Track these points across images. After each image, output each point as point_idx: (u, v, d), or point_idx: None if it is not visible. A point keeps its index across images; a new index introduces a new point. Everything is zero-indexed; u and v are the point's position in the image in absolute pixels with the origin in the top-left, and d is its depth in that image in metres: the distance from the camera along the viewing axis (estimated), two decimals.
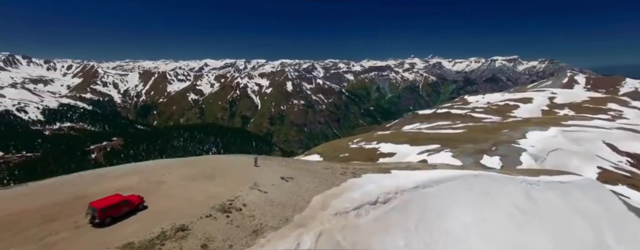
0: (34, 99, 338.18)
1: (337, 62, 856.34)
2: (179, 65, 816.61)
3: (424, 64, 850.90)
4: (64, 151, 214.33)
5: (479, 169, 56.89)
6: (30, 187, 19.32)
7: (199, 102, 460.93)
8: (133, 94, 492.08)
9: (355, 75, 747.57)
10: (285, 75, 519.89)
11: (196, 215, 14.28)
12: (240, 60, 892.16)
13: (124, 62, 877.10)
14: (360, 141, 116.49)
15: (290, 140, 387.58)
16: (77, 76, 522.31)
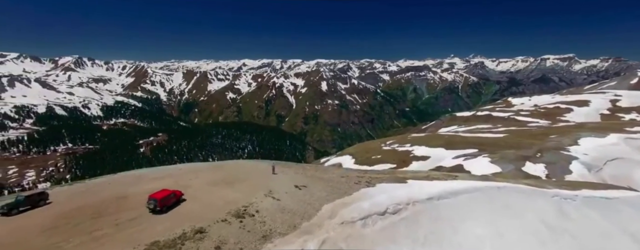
0: (96, 96, 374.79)
1: (373, 62, 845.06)
2: (219, 65, 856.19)
3: (465, 63, 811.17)
4: (118, 145, 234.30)
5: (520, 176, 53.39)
6: (86, 185, 22.35)
7: (236, 101, 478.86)
8: (177, 92, 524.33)
9: (391, 76, 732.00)
10: (320, 75, 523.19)
11: (214, 219, 15.56)
12: (276, 60, 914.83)
13: (170, 62, 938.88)
14: (393, 143, 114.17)
15: (324, 140, 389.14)
16: (130, 76, 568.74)
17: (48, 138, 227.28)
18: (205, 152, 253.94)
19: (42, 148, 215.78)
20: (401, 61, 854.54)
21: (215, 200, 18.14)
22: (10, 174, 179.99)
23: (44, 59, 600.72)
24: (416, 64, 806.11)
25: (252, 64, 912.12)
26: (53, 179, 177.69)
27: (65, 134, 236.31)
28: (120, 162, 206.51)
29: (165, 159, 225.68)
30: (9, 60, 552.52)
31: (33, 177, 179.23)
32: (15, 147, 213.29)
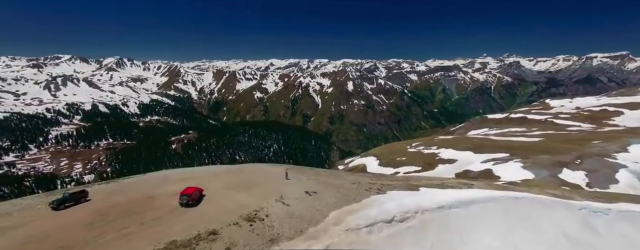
0: (134, 95, 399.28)
1: (401, 62, 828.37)
2: (248, 65, 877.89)
3: (499, 63, 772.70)
4: (152, 141, 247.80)
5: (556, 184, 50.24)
6: (119, 185, 24.61)
7: (263, 100, 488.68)
8: (207, 91, 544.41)
9: (420, 76, 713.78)
10: (346, 75, 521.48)
11: (226, 222, 16.61)
12: (303, 60, 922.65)
13: (202, 62, 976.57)
14: (419, 145, 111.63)
15: (349, 140, 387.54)
16: (164, 75, 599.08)
17: (93, 134, 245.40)
18: (232, 150, 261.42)
19: (88, 143, 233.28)
20: (430, 61, 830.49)
21: (230, 204, 19.26)
22: (62, 166, 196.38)
23: (91, 60, 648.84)
24: (446, 64, 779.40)
25: (280, 64, 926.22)
26: (96, 171, 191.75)
27: (107, 130, 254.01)
28: (154, 158, 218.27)
29: (195, 157, 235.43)
30: (63, 62, 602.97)
31: (80, 169, 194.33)
32: (66, 141, 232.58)
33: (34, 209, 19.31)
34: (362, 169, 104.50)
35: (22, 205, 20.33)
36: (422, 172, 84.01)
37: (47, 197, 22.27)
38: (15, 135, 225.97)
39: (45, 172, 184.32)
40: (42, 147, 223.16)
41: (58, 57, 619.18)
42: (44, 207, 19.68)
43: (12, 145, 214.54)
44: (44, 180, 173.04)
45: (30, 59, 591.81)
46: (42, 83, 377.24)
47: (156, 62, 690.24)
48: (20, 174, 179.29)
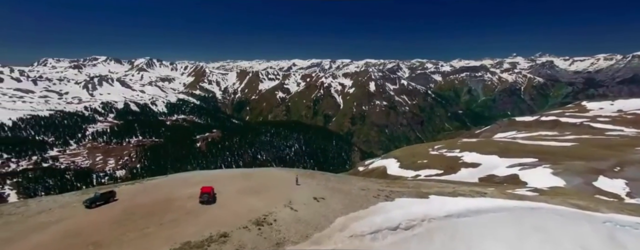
0: (162, 94, 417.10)
1: (424, 62, 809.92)
2: (270, 65, 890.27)
3: (529, 63, 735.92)
4: (178, 139, 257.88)
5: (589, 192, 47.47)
6: (144, 185, 26.27)
7: (285, 100, 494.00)
8: (231, 91, 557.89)
9: (444, 76, 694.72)
10: (368, 76, 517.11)
11: (237, 225, 17.49)
12: (325, 60, 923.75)
13: (226, 62, 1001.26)
14: (441, 148, 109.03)
15: (371, 141, 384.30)
16: (190, 75, 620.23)
17: (124, 131, 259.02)
18: (254, 149, 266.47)
19: (120, 139, 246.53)
20: (455, 61, 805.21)
21: (241, 208, 20.18)
22: (97, 161, 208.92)
23: (124, 60, 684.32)
24: (472, 64, 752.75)
25: (302, 63, 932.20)
26: (127, 167, 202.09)
27: (137, 128, 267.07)
28: (180, 156, 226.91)
29: (219, 155, 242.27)
30: (99, 62, 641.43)
31: (113, 164, 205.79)
32: (101, 137, 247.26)
33: (70, 206, 21.16)
34: (382, 171, 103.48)
35: (62, 202, 22.26)
36: (443, 175, 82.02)
37: (82, 194, 24.11)
38: (58, 131, 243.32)
39: (82, 167, 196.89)
40: (80, 142, 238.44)
41: (95, 58, 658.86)
42: (78, 204, 21.51)
43: (56, 141, 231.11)
44: (81, 174, 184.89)
45: (71, 60, 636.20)
46: (81, 83, 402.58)
47: (183, 62, 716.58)
48: (62, 167, 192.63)
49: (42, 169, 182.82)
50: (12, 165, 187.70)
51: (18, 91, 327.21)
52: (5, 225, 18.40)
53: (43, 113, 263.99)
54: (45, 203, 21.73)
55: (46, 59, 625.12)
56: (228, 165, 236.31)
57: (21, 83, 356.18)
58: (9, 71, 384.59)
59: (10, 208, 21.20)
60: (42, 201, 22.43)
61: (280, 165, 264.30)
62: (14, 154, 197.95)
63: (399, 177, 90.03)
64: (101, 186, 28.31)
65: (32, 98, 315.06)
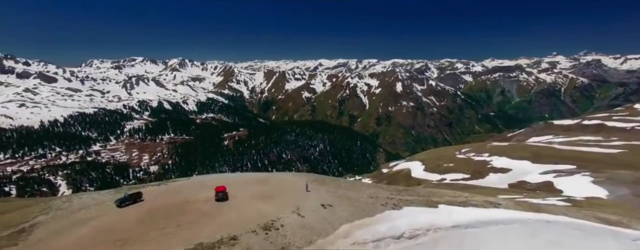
0: (192, 93, 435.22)
1: (454, 61, 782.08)
2: (297, 65, 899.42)
3: (572, 62, 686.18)
4: (207, 137, 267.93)
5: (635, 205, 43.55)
6: (167, 187, 28.14)
7: (311, 100, 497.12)
8: (258, 90, 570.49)
9: (475, 77, 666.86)
10: (395, 76, 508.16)
11: (246, 229, 18.35)
12: (352, 60, 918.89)
13: (253, 62, 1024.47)
14: (469, 151, 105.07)
15: (396, 142, 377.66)
16: (219, 75, 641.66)
17: (157, 128, 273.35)
18: (279, 148, 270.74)
19: (153, 136, 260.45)
20: (487, 61, 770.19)
21: (252, 212, 21.09)
22: (133, 156, 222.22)
23: (159, 61, 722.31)
24: (506, 63, 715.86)
25: (328, 64, 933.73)
26: (160, 163, 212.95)
27: (169, 126, 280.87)
28: (208, 153, 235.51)
29: (245, 153, 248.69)
30: (137, 63, 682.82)
31: (147, 160, 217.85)
32: (137, 134, 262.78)
33: (104, 205, 23.37)
34: (406, 174, 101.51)
35: (98, 200, 24.59)
36: (470, 180, 79.05)
37: (115, 193, 26.21)
38: (101, 127, 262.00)
39: (120, 161, 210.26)
40: (119, 138, 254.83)
41: (133, 59, 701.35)
42: (111, 203, 23.56)
43: (98, 136, 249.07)
44: (119, 168, 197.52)
45: (113, 61, 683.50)
46: (121, 82, 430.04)
47: (213, 62, 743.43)
48: (103, 161, 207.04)
49: (87, 163, 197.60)
50: (63, 158, 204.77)
51: (69, 90, 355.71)
52: (54, 219, 21.05)
53: (88, 110, 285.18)
54: (84, 200, 24.14)
55: (92, 60, 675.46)
56: (254, 164, 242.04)
57: (71, 83, 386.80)
58: (62, 72, 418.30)
59: (58, 203, 24.09)
60: (82, 198, 24.92)
61: (304, 164, 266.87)
62: (65, 148, 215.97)
63: (423, 180, 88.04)
64: (132, 186, 30.53)
65: (79, 97, 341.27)
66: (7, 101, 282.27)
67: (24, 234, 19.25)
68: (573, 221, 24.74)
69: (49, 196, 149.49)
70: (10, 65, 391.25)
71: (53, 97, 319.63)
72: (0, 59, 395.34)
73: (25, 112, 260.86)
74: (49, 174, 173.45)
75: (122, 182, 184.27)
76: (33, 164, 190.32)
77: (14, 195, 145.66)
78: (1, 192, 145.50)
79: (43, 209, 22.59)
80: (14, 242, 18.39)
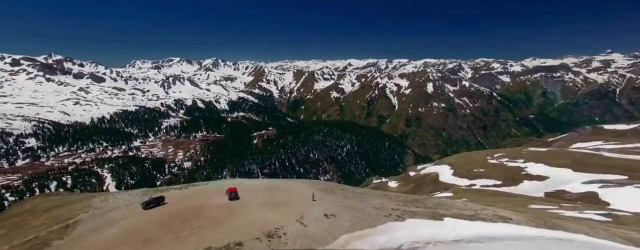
0: (224, 93, 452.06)
1: (490, 61, 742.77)
2: (326, 65, 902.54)
3: (631, 60, 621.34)
4: (237, 136, 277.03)
5: None
6: (188, 191, 30.40)
7: (340, 100, 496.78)
8: (287, 90, 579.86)
9: (513, 77, 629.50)
10: (426, 76, 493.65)
11: (251, 236, 19.57)
12: (382, 60, 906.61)
13: (284, 62, 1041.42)
14: (502, 156, 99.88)
15: (426, 145, 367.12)
16: (250, 75, 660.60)
17: (191, 126, 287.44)
18: (307, 148, 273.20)
19: (188, 134, 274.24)
20: (528, 60, 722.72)
21: (258, 220, 22.37)
22: (169, 153, 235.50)
23: (194, 61, 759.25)
24: (549, 63, 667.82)
25: (358, 64, 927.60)
26: (193, 160, 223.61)
27: (202, 124, 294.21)
28: (238, 151, 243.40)
29: (273, 152, 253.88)
30: (174, 63, 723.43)
31: (181, 156, 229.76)
32: (173, 131, 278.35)
33: (133, 206, 25.91)
34: (434, 178, 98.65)
35: (129, 201, 27.36)
36: (501, 187, 75.33)
37: (143, 195, 28.70)
38: (141, 124, 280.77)
39: (158, 157, 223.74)
40: (157, 135, 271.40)
41: (171, 59, 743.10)
42: (138, 205, 26.20)
43: (139, 133, 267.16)
44: (157, 163, 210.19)
45: (153, 62, 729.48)
46: (159, 82, 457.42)
47: (245, 62, 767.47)
48: (143, 156, 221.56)
49: (129, 158, 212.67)
50: (109, 152, 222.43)
51: (115, 90, 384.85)
52: (92, 218, 24.29)
53: (131, 109, 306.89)
54: (118, 201, 27.08)
55: (135, 61, 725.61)
56: (282, 163, 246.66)
57: (117, 82, 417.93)
58: (109, 72, 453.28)
59: (97, 202, 27.30)
60: (117, 198, 27.79)
61: (332, 165, 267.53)
62: (110, 143, 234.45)
63: (452, 185, 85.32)
64: (157, 189, 32.93)
65: (123, 96, 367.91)
66: (66, 100, 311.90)
67: (69, 230, 22.00)
68: (592, 241, 23.33)
69: (97, 187, 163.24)
70: (69, 67, 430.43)
71: (102, 96, 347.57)
72: (61, 61, 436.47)
73: (79, 110, 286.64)
74: (97, 167, 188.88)
75: (159, 177, 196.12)
76: (85, 157, 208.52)
77: (69, 185, 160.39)
78: (60, 182, 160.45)
79: (84, 207, 25.56)
80: (61, 236, 21.57)
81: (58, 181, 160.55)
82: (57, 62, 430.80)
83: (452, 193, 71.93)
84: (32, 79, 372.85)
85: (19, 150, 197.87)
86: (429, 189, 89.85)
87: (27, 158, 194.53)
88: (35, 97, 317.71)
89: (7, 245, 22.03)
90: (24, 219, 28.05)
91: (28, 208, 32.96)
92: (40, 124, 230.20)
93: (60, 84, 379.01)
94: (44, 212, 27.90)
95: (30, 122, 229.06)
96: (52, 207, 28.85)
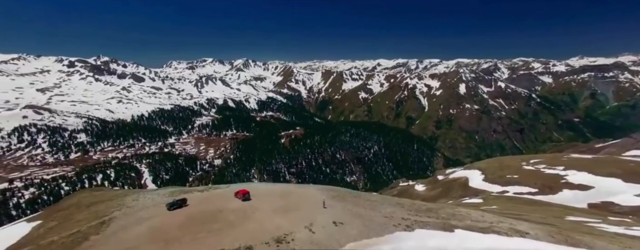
0: (254, 92, 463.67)
1: (530, 60, 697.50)
2: (355, 65, 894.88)
3: None
4: (265, 134, 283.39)
5: None
6: (209, 194, 32.26)
7: (368, 101, 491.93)
8: (315, 90, 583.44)
9: (556, 77, 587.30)
10: (458, 76, 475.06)
11: (261, 240, 20.55)
12: (412, 60, 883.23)
13: (312, 62, 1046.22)
14: (539, 162, 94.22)
15: (457, 147, 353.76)
16: (279, 75, 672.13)
17: (222, 124, 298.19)
18: (333, 148, 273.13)
19: (218, 132, 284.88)
20: (575, 59, 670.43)
21: (269, 225, 23.35)
22: (201, 150, 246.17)
23: (225, 62, 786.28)
24: (600, 61, 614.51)
25: (387, 64, 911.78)
26: (223, 157, 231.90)
27: (232, 122, 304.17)
28: (266, 150, 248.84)
29: (300, 151, 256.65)
30: (207, 64, 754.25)
31: (212, 153, 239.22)
32: (204, 129, 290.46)
33: (159, 207, 28.07)
34: (463, 183, 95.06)
35: (156, 201, 29.59)
36: (537, 195, 71.22)
37: (169, 195, 30.76)
38: (175, 122, 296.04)
39: (190, 154, 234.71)
40: (190, 133, 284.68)
41: (204, 60, 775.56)
42: (164, 205, 28.33)
43: (173, 130, 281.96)
44: (189, 160, 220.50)
45: (188, 62, 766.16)
46: (193, 81, 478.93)
47: (274, 62, 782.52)
48: (177, 153, 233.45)
49: (164, 154, 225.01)
50: (146, 148, 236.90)
51: (152, 89, 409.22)
52: (124, 216, 27.03)
53: (166, 107, 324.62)
54: (147, 200, 29.53)
55: (171, 62, 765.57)
56: (308, 163, 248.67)
57: (154, 82, 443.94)
58: (148, 72, 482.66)
59: (129, 201, 29.79)
60: (147, 197, 30.08)
61: (358, 165, 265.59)
62: (148, 140, 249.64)
63: (482, 191, 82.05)
64: (183, 188, 35.32)
65: (160, 94, 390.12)
66: (111, 98, 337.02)
67: (104, 226, 24.28)
68: None
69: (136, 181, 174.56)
70: (114, 67, 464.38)
71: (141, 95, 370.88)
72: (108, 62, 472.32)
73: (121, 108, 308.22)
74: (136, 161, 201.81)
75: (191, 173, 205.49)
76: (126, 152, 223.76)
77: (112, 178, 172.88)
78: (104, 175, 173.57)
79: (119, 205, 28.06)
80: (97, 231, 24.01)
81: (103, 174, 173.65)
82: (104, 63, 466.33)
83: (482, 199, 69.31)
84: (83, 79, 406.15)
85: (72, 144, 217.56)
86: (457, 194, 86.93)
87: (78, 151, 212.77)
88: (85, 95, 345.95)
89: (57, 236, 24.85)
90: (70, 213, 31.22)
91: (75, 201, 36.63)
92: (89, 120, 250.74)
93: (106, 83, 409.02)
94: (86, 207, 30.92)
95: (81, 119, 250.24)
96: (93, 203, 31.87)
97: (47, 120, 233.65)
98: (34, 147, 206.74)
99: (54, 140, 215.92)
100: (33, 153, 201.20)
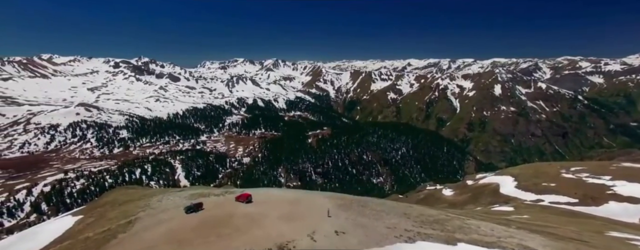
0: (283, 92, 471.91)
1: (577, 59, 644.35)
2: (384, 65, 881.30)
3: None
4: (293, 134, 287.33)
5: None
6: (225, 198, 33.60)
7: (396, 101, 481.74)
8: (344, 90, 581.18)
9: (608, 77, 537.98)
10: (493, 77, 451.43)
11: (264, 246, 21.35)
12: (444, 60, 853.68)
13: (341, 62, 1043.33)
14: (580, 170, 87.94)
15: (490, 151, 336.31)
16: (308, 74, 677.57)
17: (251, 123, 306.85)
18: (360, 149, 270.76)
19: (247, 130, 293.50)
20: (633, 57, 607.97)
21: (273, 232, 24.18)
22: (231, 148, 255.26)
23: (256, 62, 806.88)
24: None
25: (417, 63, 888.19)
26: (251, 155, 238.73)
27: (261, 122, 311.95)
28: (293, 149, 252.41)
29: (327, 151, 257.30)
30: (239, 64, 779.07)
31: (241, 152, 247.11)
32: (234, 128, 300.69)
33: (178, 209, 30.10)
34: (494, 189, 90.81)
35: (177, 203, 31.47)
36: (577, 206, 66.16)
37: (190, 197, 32.37)
38: (207, 120, 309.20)
39: (221, 152, 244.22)
40: (220, 131, 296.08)
41: (235, 60, 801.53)
42: (182, 209, 30.29)
43: (205, 128, 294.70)
44: (219, 157, 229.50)
45: (220, 62, 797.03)
46: (224, 81, 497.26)
47: (303, 62, 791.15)
48: (208, 150, 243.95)
49: (196, 151, 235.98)
50: (180, 145, 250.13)
51: (187, 88, 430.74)
52: (147, 217, 29.44)
53: (199, 106, 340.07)
54: (169, 202, 31.75)
55: (204, 62, 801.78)
56: (335, 163, 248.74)
57: (189, 81, 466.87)
58: (183, 72, 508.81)
59: (154, 202, 32.11)
60: (169, 199, 32.39)
61: (385, 167, 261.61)
62: (181, 137, 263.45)
63: (513, 198, 78.09)
64: (203, 190, 37.81)
65: (194, 93, 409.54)
66: (149, 97, 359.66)
67: (130, 225, 26.39)
68: None
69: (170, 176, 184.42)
70: (152, 67, 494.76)
71: (176, 94, 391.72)
72: (148, 63, 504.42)
73: (158, 106, 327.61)
74: (171, 158, 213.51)
75: (221, 170, 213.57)
76: (162, 148, 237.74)
77: (149, 172, 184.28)
78: (142, 170, 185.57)
79: (144, 205, 30.37)
80: (123, 230, 26.15)
81: (141, 168, 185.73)
82: (144, 63, 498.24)
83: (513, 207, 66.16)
84: (126, 79, 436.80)
85: (115, 140, 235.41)
86: (486, 201, 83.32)
87: (121, 147, 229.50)
88: (127, 94, 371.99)
89: (92, 232, 27.56)
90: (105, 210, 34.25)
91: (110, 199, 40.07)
92: (130, 118, 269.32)
93: (146, 82, 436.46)
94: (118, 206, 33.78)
95: (123, 116, 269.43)
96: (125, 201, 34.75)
97: (95, 117, 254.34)
98: (84, 142, 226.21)
99: (101, 136, 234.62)
100: (83, 147, 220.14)
